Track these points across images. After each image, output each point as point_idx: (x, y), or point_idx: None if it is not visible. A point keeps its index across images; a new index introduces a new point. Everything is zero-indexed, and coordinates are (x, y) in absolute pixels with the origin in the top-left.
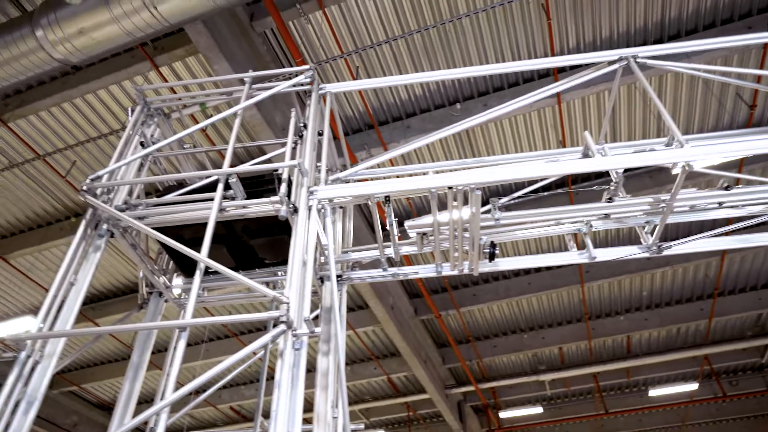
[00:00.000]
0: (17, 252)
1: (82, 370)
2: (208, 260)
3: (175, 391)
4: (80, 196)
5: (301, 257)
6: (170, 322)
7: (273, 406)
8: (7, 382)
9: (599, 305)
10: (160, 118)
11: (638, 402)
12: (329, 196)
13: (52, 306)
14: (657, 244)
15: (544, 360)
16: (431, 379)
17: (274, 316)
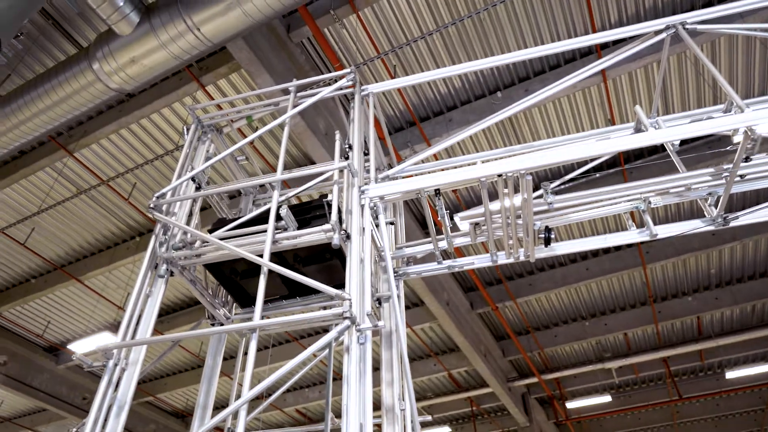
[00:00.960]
0: (90, 273)
1: (155, 380)
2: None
3: (250, 390)
4: (149, 212)
5: (358, 255)
6: (242, 325)
7: (344, 400)
8: (100, 388)
9: (664, 287)
10: (213, 134)
11: (715, 385)
12: (380, 193)
13: (131, 320)
14: (722, 216)
15: (609, 347)
16: (492, 372)
17: (338, 312)
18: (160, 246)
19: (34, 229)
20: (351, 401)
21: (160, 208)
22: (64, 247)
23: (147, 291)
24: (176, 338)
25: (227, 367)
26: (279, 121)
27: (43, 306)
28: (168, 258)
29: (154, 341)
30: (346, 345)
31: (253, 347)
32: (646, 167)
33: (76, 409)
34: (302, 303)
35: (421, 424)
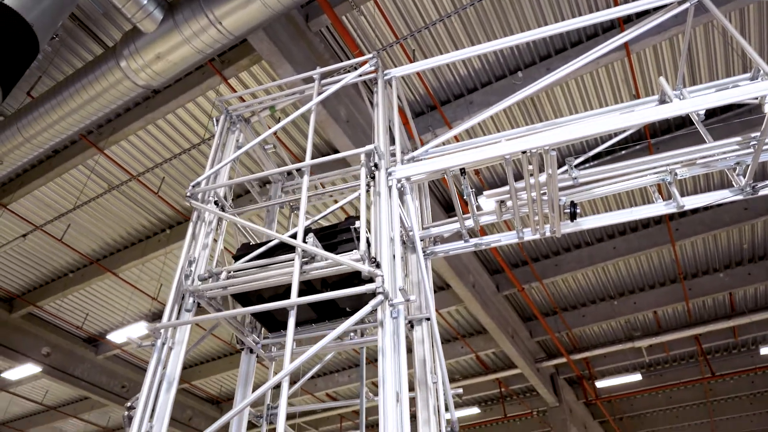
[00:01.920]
0: (124, 266)
1: (190, 368)
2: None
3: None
4: (185, 200)
5: (387, 234)
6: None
7: (380, 372)
8: (150, 365)
9: (694, 263)
10: (241, 124)
11: (749, 362)
12: (406, 174)
13: (174, 304)
14: (751, 185)
15: (639, 326)
16: (520, 353)
17: (371, 288)
18: (185, 279)
19: (69, 225)
20: (387, 372)
21: (197, 197)
22: (99, 241)
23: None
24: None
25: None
26: (305, 108)
27: (81, 299)
28: (194, 291)
29: (196, 321)
30: (379, 319)
31: (291, 324)
32: (673, 141)
33: (116, 397)
34: (331, 327)
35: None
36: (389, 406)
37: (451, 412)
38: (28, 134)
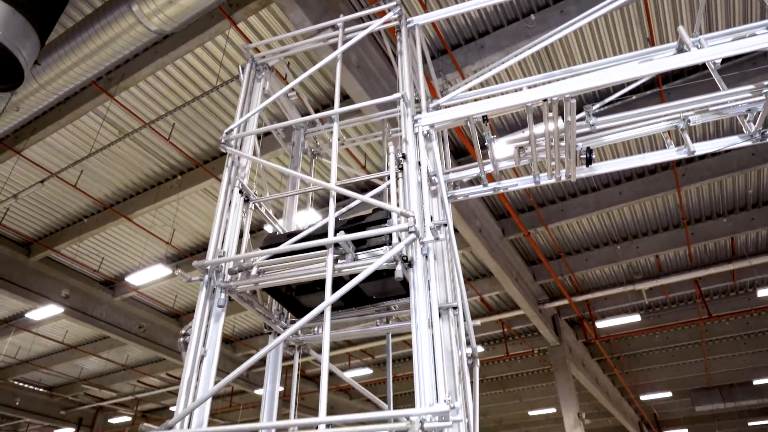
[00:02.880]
0: (137, 212)
1: None
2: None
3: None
4: (221, 148)
5: (415, 178)
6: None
7: (412, 303)
8: (200, 298)
9: (698, 208)
10: (266, 71)
11: (745, 304)
12: (432, 122)
13: (218, 240)
14: (760, 131)
15: (640, 270)
16: (524, 295)
17: (403, 228)
18: (216, 275)
19: (82, 171)
20: (420, 303)
21: (230, 143)
22: (111, 187)
23: (207, 317)
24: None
25: None
26: (333, 55)
27: (97, 244)
28: (225, 286)
29: (241, 257)
30: (410, 257)
31: (330, 261)
32: (685, 86)
33: (134, 336)
34: (358, 314)
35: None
36: (423, 332)
37: (471, 341)
38: (42, 81)
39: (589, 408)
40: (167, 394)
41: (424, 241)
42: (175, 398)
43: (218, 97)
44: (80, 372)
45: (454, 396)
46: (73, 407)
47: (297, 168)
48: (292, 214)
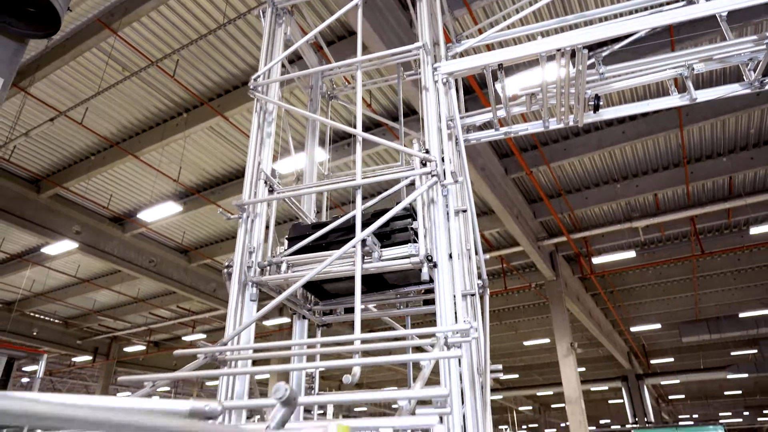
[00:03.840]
0: (144, 150)
1: (211, 245)
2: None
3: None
4: (249, 94)
5: (435, 124)
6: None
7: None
8: (239, 233)
9: (699, 148)
10: (287, 16)
11: (738, 242)
12: (450, 70)
13: (252, 179)
14: (759, 80)
15: (638, 208)
16: (524, 232)
17: (426, 171)
18: (248, 270)
19: (87, 108)
20: (441, 239)
21: (257, 89)
22: (117, 125)
23: (240, 308)
24: (282, 197)
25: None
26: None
27: (106, 181)
28: (257, 281)
29: (275, 198)
30: (431, 197)
31: (359, 202)
32: (692, 29)
33: (145, 270)
34: (378, 299)
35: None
36: (444, 265)
37: (482, 272)
38: None
39: (581, 339)
40: (178, 325)
41: (445, 183)
42: (185, 329)
43: (223, 34)
44: (94, 304)
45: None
46: (89, 337)
47: (316, 111)
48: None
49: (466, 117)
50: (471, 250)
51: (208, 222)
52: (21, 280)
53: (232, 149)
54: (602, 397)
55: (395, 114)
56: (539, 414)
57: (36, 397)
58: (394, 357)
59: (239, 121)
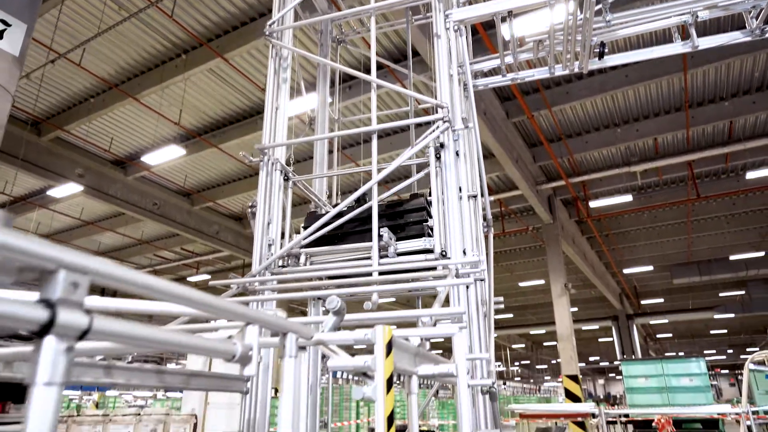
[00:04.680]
0: (144, 92)
1: (214, 188)
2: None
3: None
4: (265, 40)
5: (447, 72)
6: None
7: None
8: (261, 176)
9: (702, 91)
10: None
11: (734, 186)
12: (462, 17)
13: (271, 126)
14: (761, 27)
15: (637, 152)
16: (523, 176)
17: (439, 117)
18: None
19: (85, 49)
20: (451, 178)
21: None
22: (115, 66)
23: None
24: (307, 141)
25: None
26: None
27: (106, 124)
28: (277, 272)
29: (295, 143)
30: (442, 141)
31: (375, 146)
32: None
33: (149, 213)
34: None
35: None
36: (454, 204)
37: (487, 212)
38: None
39: (575, 280)
40: (182, 267)
41: (455, 128)
42: (189, 270)
43: None
44: (98, 246)
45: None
46: None
47: (326, 56)
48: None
49: (474, 63)
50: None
51: (210, 165)
52: (27, 223)
53: (232, 92)
54: (593, 336)
55: (396, 56)
56: (531, 351)
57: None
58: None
59: (239, 63)
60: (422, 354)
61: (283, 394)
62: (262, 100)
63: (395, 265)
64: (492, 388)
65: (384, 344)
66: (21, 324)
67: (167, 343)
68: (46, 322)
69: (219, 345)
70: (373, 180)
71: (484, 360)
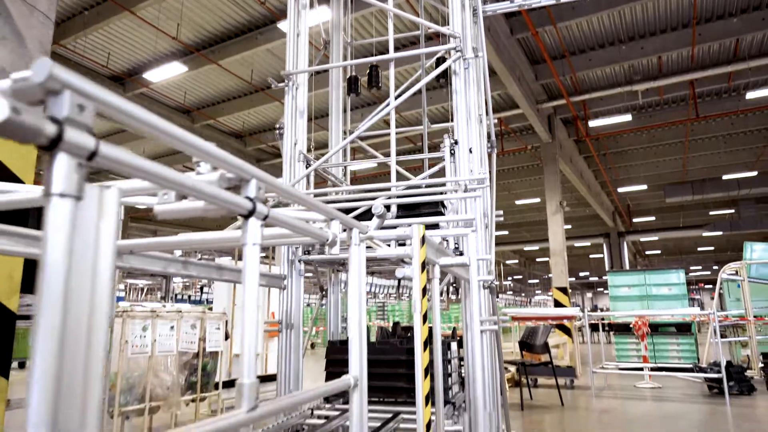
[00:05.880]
0: (140, 5)
1: (214, 106)
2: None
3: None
4: None
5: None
6: (378, 58)
7: (455, 103)
8: (287, 100)
9: (711, 7)
10: None
11: (733, 106)
12: None
13: (293, 51)
14: None
15: (641, 70)
16: (524, 94)
17: (451, 46)
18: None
19: None
20: (461, 103)
21: None
22: None
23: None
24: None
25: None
26: None
27: (102, 38)
28: (306, 260)
29: (315, 69)
30: (454, 70)
31: (392, 75)
32: None
33: None
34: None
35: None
36: (462, 127)
37: (491, 134)
38: None
39: (570, 199)
40: None
41: (466, 57)
42: None
43: None
44: None
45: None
46: None
47: None
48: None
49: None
50: (482, 115)
51: (210, 81)
52: None
53: (231, 5)
54: (584, 253)
55: None
56: (524, 267)
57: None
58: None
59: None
60: (442, 249)
61: (351, 273)
62: (261, 14)
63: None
64: (492, 284)
65: (419, 238)
66: (31, 136)
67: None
68: (55, 136)
69: (318, 230)
70: (392, 105)
71: (486, 261)
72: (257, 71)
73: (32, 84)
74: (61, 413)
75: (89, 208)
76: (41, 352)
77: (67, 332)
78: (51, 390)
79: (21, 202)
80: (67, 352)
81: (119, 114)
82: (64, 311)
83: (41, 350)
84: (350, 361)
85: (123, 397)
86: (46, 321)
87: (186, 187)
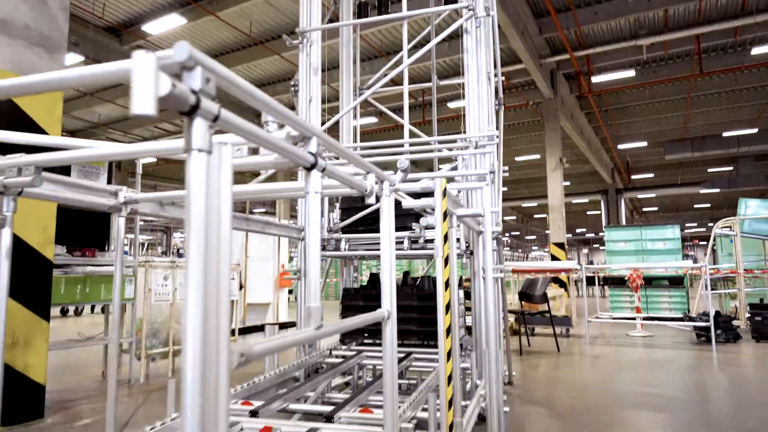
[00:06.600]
0: None
1: (215, 58)
2: None
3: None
4: None
5: None
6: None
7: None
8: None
9: None
10: None
11: (738, 61)
12: None
13: (306, 12)
14: None
15: (646, 24)
16: (527, 49)
17: (464, 5)
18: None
19: None
20: (471, 63)
21: None
22: None
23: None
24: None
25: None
26: None
27: None
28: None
29: (327, 27)
30: (466, 28)
31: (405, 42)
32: None
33: None
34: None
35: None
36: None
37: (499, 90)
38: None
39: (570, 155)
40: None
41: (478, 16)
42: None
43: None
44: (98, 117)
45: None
46: None
47: None
48: None
49: None
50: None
51: (208, 34)
52: None
53: None
54: (582, 209)
55: None
56: (522, 223)
57: None
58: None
59: None
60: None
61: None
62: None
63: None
64: (499, 234)
65: (441, 190)
66: (180, 105)
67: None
68: (195, 104)
69: (360, 181)
70: (404, 64)
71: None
72: (256, 23)
73: (174, 62)
74: (207, 324)
75: (214, 160)
76: (193, 275)
77: (208, 260)
78: (200, 305)
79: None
80: (210, 278)
81: (229, 84)
82: (206, 244)
83: (193, 272)
84: (383, 296)
85: (148, 341)
86: (195, 250)
87: (266, 142)
